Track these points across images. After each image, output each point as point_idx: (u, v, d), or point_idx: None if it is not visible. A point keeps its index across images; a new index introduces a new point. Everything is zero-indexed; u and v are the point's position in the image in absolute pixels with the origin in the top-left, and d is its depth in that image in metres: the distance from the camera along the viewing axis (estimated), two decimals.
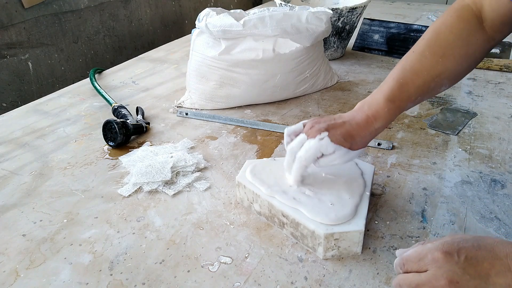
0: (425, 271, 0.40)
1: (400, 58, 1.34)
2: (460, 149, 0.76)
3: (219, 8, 0.95)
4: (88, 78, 1.11)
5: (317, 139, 0.54)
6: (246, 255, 0.54)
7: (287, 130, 0.60)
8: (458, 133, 0.82)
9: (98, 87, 1.02)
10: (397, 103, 0.55)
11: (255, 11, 0.92)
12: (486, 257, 0.39)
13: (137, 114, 0.90)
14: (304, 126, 0.59)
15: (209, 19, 0.89)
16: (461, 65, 0.57)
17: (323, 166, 0.57)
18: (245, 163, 0.66)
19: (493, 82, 1.04)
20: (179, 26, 1.74)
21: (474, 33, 0.56)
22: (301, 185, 0.59)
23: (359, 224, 0.52)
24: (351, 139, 0.55)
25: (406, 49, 1.23)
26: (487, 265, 0.38)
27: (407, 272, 0.42)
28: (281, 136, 0.83)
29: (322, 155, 0.55)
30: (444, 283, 0.38)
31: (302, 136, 0.57)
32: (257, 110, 0.95)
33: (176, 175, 0.70)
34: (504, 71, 1.10)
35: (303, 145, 0.56)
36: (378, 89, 0.57)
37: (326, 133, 0.54)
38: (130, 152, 0.77)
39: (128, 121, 0.82)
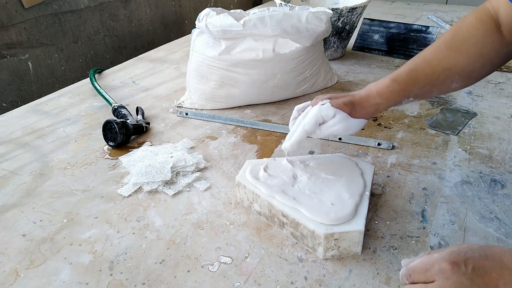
0: (432, 281, 0.40)
1: (400, 58, 1.34)
2: (460, 149, 0.76)
3: (219, 8, 0.95)
4: (88, 78, 1.11)
5: (319, 105, 0.58)
6: (246, 255, 0.54)
7: (297, 106, 0.64)
8: (458, 133, 0.82)
9: (98, 87, 1.02)
10: (402, 85, 0.58)
11: (255, 11, 0.92)
12: (494, 267, 0.38)
13: (137, 114, 0.90)
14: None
15: (209, 19, 0.89)
16: (474, 63, 0.58)
17: (325, 133, 0.59)
18: (245, 163, 0.66)
19: (493, 82, 1.04)
20: (179, 26, 1.74)
21: (491, 34, 0.57)
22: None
23: (359, 224, 0.52)
24: (352, 106, 0.59)
25: (406, 49, 1.24)
26: (495, 275, 0.38)
27: (414, 283, 0.42)
28: (281, 136, 0.83)
29: (324, 121, 0.58)
30: None
31: (308, 108, 0.61)
32: (257, 110, 0.95)
33: (176, 175, 0.70)
34: (504, 71, 1.10)
35: (307, 114, 0.60)
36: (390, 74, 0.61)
37: (327, 100, 0.59)
38: (130, 152, 0.77)
39: (128, 121, 0.82)
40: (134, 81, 1.13)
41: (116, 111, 0.90)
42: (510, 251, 0.39)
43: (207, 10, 0.92)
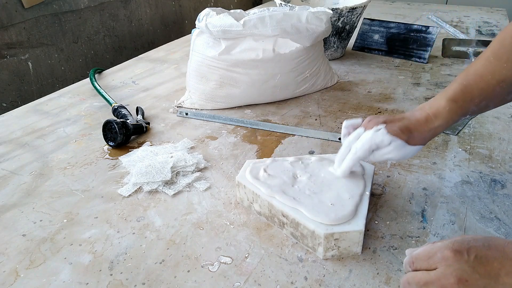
0: (435, 269, 0.40)
1: (400, 58, 1.34)
2: (460, 149, 0.76)
3: (219, 8, 0.95)
4: (88, 78, 1.11)
5: (374, 130, 0.55)
6: (246, 255, 0.54)
7: (345, 123, 0.61)
8: (458, 133, 0.82)
9: (98, 87, 1.02)
10: (459, 103, 0.55)
11: (255, 11, 0.92)
12: (496, 257, 0.39)
13: (137, 114, 0.90)
14: (363, 121, 0.60)
15: (209, 19, 0.89)
16: None
17: (377, 159, 0.57)
18: (245, 163, 0.66)
19: None
20: (179, 26, 1.74)
21: None
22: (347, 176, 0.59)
23: (359, 224, 0.52)
24: (409, 133, 0.55)
25: (406, 49, 1.24)
26: (497, 264, 0.38)
27: (416, 270, 0.42)
28: (281, 136, 0.83)
29: (378, 148, 0.56)
30: (453, 281, 0.38)
31: (360, 129, 0.58)
32: (257, 110, 0.95)
33: (176, 175, 0.70)
34: None
35: (359, 138, 0.57)
36: (441, 92, 0.58)
37: (383, 125, 0.55)
38: (130, 152, 0.77)
39: (128, 121, 0.82)
40: (134, 81, 1.13)
41: (116, 111, 0.90)
42: None
43: (207, 10, 0.92)
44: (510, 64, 0.55)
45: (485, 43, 1.22)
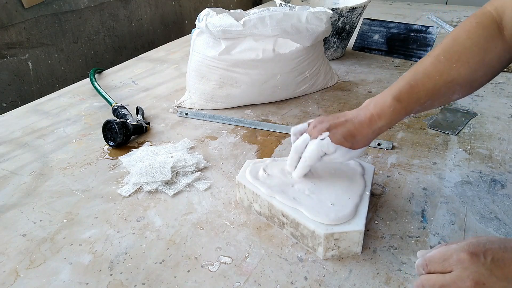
0: (450, 272, 0.40)
1: (400, 58, 1.34)
2: (460, 149, 0.76)
3: (219, 8, 0.95)
4: (88, 78, 1.11)
5: (318, 140, 0.56)
6: (246, 255, 0.54)
7: (293, 129, 0.62)
8: (458, 133, 0.82)
9: (98, 87, 1.02)
10: (404, 104, 0.54)
11: (255, 11, 0.92)
12: None
13: (137, 114, 0.90)
14: (309, 126, 0.60)
15: (209, 19, 0.89)
16: (476, 72, 0.55)
17: (327, 162, 0.58)
18: (245, 163, 0.66)
19: (493, 82, 1.04)
20: (179, 26, 1.74)
21: (492, 40, 0.54)
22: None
23: (359, 224, 0.52)
24: (352, 139, 0.55)
25: (406, 49, 1.24)
26: None
27: (430, 273, 0.41)
28: (281, 136, 0.83)
29: (325, 154, 0.56)
30: (469, 284, 0.38)
31: (306, 135, 0.58)
32: (257, 110, 0.95)
33: (176, 175, 0.70)
34: (504, 71, 1.10)
35: (307, 145, 0.57)
36: (388, 88, 0.57)
37: (327, 134, 0.55)
38: (130, 152, 0.77)
39: (128, 121, 0.82)
40: (134, 81, 1.13)
41: (116, 111, 0.90)
42: None
43: (207, 10, 0.92)
44: (459, 64, 0.54)
45: None
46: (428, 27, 1.22)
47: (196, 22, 0.92)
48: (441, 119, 0.87)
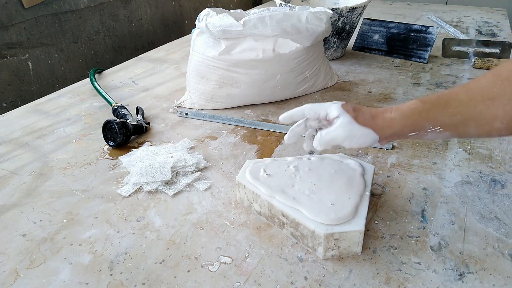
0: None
1: (400, 58, 1.33)
2: (460, 149, 0.76)
3: (219, 8, 0.95)
4: (88, 78, 1.11)
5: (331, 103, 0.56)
6: (246, 255, 0.54)
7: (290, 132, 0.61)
8: None
9: (98, 87, 1.02)
10: (427, 105, 0.50)
11: (255, 11, 0.92)
12: None
13: (137, 114, 0.90)
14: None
15: (209, 19, 0.89)
16: None
17: (326, 139, 0.54)
18: (245, 163, 0.66)
19: None
20: (179, 26, 1.74)
21: None
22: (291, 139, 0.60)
23: (359, 224, 0.52)
24: (358, 112, 0.54)
25: (406, 49, 1.24)
26: None
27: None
28: (281, 136, 0.83)
29: (326, 121, 0.56)
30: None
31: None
32: (257, 110, 0.95)
33: (176, 175, 0.70)
34: None
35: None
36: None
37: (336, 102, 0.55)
38: (130, 152, 0.77)
39: (128, 121, 0.82)
40: (134, 81, 1.13)
41: (116, 111, 0.90)
42: None
43: (207, 10, 0.92)
44: (507, 83, 0.45)
45: (485, 43, 1.22)
46: (428, 27, 1.22)
47: (196, 22, 0.92)
48: None
